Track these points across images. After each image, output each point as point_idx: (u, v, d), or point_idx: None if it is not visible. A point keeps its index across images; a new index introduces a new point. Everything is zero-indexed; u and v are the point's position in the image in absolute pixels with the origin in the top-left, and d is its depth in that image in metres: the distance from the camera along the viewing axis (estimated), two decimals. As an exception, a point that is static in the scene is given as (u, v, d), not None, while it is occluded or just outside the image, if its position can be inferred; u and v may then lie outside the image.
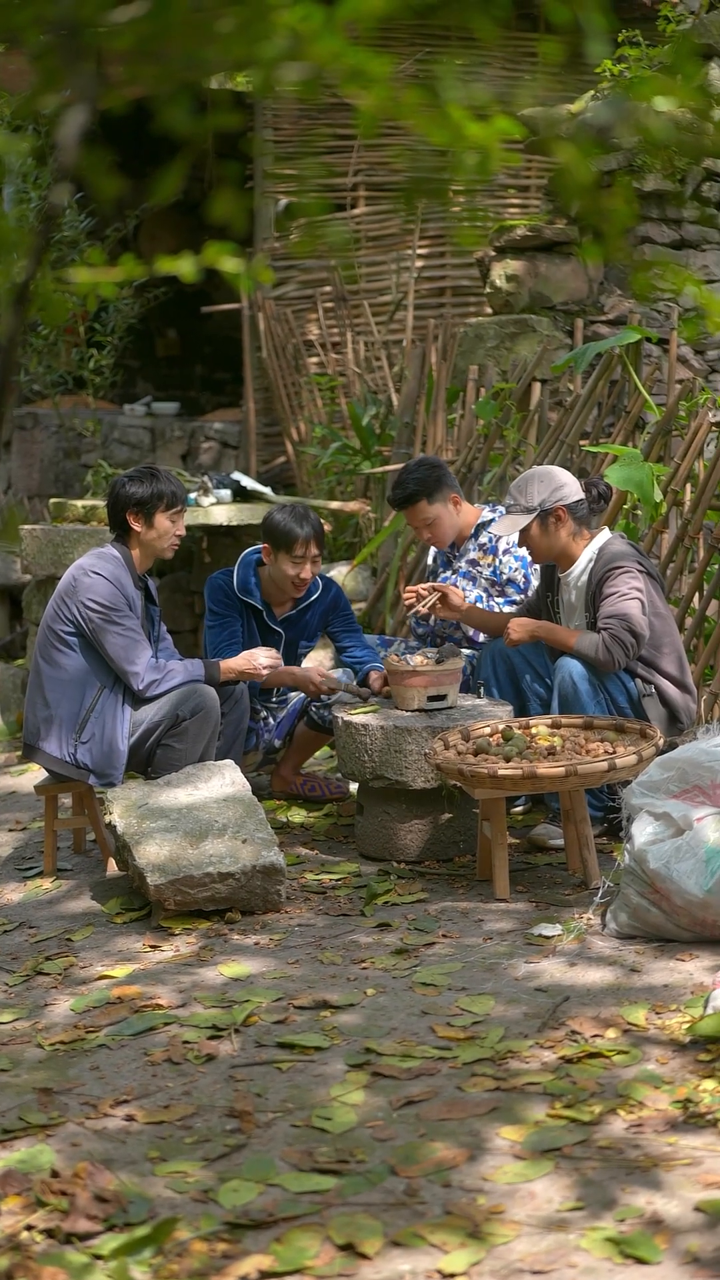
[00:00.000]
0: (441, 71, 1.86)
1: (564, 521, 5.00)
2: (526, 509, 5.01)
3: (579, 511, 5.03)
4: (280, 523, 5.48)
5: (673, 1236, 2.56)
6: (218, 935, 4.34)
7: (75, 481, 11.24)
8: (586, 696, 4.87)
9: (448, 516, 5.59)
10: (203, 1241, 2.64)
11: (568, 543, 5.04)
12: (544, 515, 5.00)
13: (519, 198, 10.82)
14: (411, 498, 5.56)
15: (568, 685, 4.89)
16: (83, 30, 1.71)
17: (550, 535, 5.03)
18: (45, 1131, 3.12)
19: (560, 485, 5.01)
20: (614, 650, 4.80)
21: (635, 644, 4.83)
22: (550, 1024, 3.49)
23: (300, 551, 5.45)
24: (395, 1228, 2.65)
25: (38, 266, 1.86)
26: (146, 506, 5.06)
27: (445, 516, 5.59)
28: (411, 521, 5.65)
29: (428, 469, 5.62)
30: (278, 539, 5.49)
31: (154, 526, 5.08)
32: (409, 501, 5.58)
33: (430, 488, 5.55)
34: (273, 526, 5.49)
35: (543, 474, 5.06)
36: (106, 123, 10.66)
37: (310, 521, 5.49)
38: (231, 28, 1.73)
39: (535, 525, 5.02)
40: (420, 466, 5.66)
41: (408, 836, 4.96)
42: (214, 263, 1.99)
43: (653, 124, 1.93)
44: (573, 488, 5.03)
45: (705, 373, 8.22)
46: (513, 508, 5.05)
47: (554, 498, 4.99)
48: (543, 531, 5.03)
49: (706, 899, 3.89)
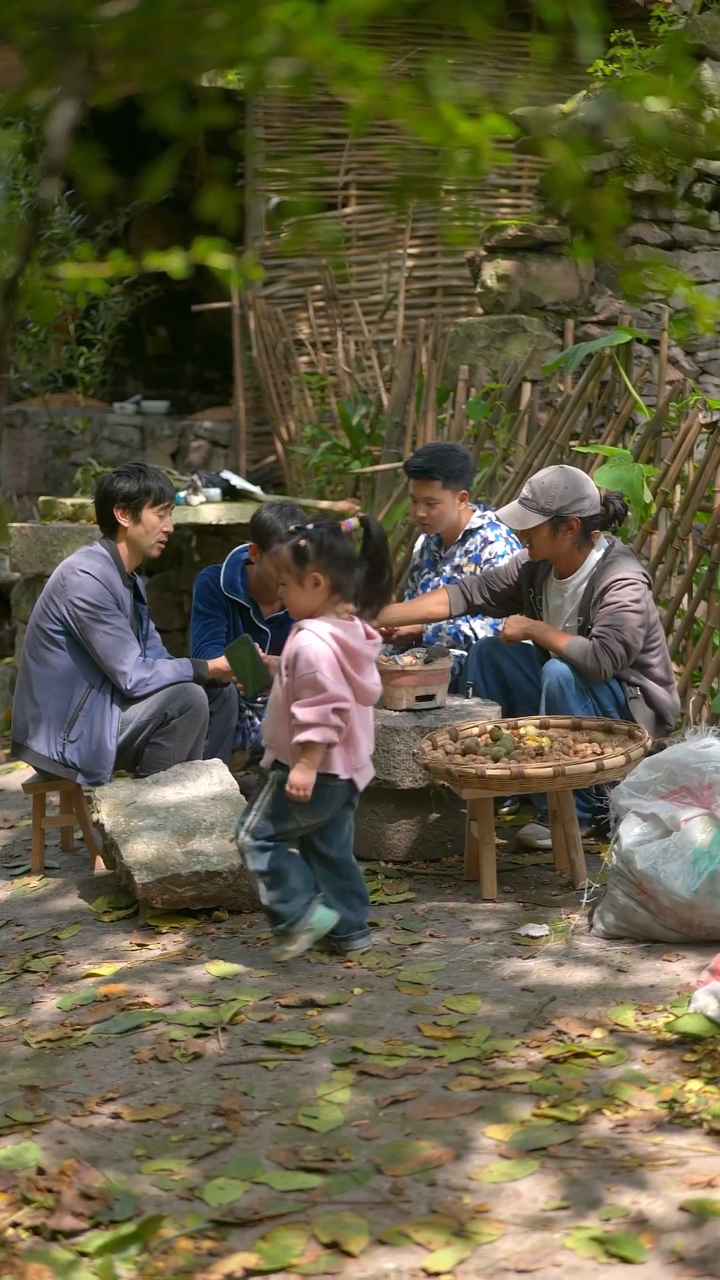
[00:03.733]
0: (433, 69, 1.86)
1: (574, 531, 4.96)
2: (543, 509, 4.93)
3: (591, 525, 4.99)
4: (267, 522, 5.47)
5: (657, 1236, 2.56)
6: (205, 934, 4.34)
7: (64, 479, 11.23)
8: (573, 699, 4.87)
9: (451, 507, 5.56)
10: (188, 1239, 2.63)
11: (570, 550, 5.01)
12: (557, 521, 4.97)
13: (510, 197, 10.82)
14: (429, 472, 5.49)
15: (555, 688, 4.89)
16: (73, 25, 1.71)
17: (558, 541, 4.98)
18: (31, 1129, 3.11)
19: (583, 496, 4.93)
20: (602, 659, 4.79)
21: (625, 657, 4.81)
22: (536, 1024, 3.50)
23: None
24: (381, 1226, 2.65)
25: (27, 263, 1.86)
26: (134, 501, 5.06)
27: (449, 506, 5.55)
28: (417, 494, 5.56)
29: (459, 457, 5.57)
30: (265, 539, 5.48)
31: (141, 522, 5.08)
32: (425, 474, 5.50)
33: (452, 472, 5.50)
34: (260, 526, 5.48)
35: (569, 479, 4.97)
36: (96, 118, 10.63)
37: (298, 522, 5.48)
38: (222, 24, 1.73)
39: (546, 528, 4.97)
40: (452, 451, 5.60)
41: (395, 836, 4.96)
42: (203, 259, 1.99)
43: (645, 124, 1.92)
44: (593, 500, 4.95)
45: (696, 374, 8.22)
46: (528, 502, 4.96)
47: (574, 508, 4.92)
48: (552, 535, 4.97)
49: (693, 900, 3.90)
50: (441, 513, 5.55)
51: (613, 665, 4.81)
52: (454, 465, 5.51)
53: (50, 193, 1.87)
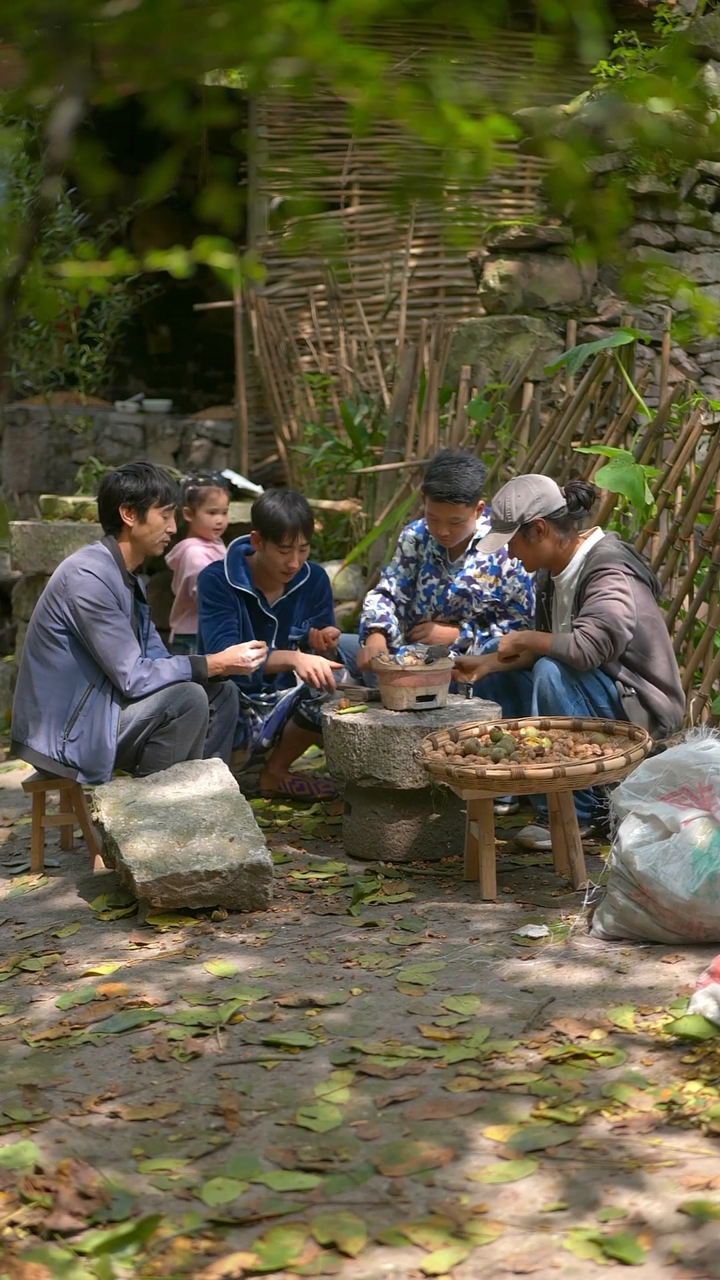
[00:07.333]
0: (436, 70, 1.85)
1: (546, 532, 4.97)
2: (507, 525, 4.96)
3: (560, 519, 4.99)
4: (270, 511, 5.49)
5: (656, 1238, 2.56)
6: (204, 933, 4.33)
7: (66, 478, 11.23)
8: (565, 698, 4.87)
9: (472, 520, 5.54)
10: (186, 1239, 2.63)
11: (555, 550, 5.02)
12: (525, 528, 4.97)
13: (513, 198, 10.82)
14: (455, 497, 5.39)
15: (546, 687, 4.89)
16: (75, 24, 1.71)
17: (535, 546, 5.00)
18: (30, 1128, 3.11)
19: (537, 497, 4.94)
20: (584, 645, 4.79)
21: (610, 641, 4.80)
22: (536, 1025, 3.50)
23: (288, 542, 5.50)
24: (378, 1227, 2.65)
25: (29, 261, 1.86)
26: (140, 501, 5.06)
27: (471, 520, 5.54)
28: (441, 515, 5.45)
29: (476, 472, 5.44)
30: (266, 528, 5.52)
31: (146, 522, 5.08)
32: (454, 499, 5.40)
33: (475, 492, 5.43)
34: (263, 515, 5.51)
35: (519, 487, 4.99)
36: (99, 117, 10.65)
37: (299, 512, 5.51)
38: (224, 23, 1.72)
39: (519, 538, 4.99)
40: (469, 466, 5.44)
41: (395, 836, 4.96)
42: (206, 258, 1.99)
43: (647, 125, 1.92)
44: (551, 497, 4.96)
45: (698, 375, 8.22)
46: (496, 524, 4.99)
47: (532, 510, 4.94)
48: (526, 544, 5.00)
49: (693, 901, 3.89)
50: (463, 531, 5.54)
51: (596, 651, 4.80)
52: (476, 485, 5.44)
53: (52, 191, 1.87)
